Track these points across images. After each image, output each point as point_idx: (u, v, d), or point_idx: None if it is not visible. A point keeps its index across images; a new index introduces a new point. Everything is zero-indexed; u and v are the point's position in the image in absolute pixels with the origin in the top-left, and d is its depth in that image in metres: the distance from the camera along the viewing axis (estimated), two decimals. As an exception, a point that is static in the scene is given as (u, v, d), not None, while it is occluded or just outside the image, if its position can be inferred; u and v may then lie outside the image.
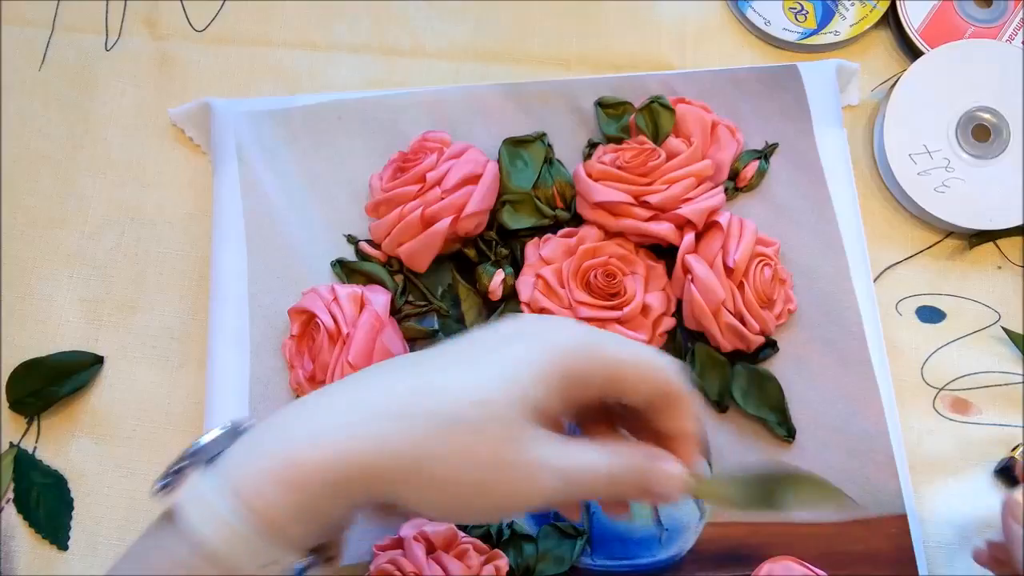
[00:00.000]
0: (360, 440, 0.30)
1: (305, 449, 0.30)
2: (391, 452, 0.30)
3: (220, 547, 0.29)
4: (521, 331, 0.33)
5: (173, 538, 0.30)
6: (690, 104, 0.52)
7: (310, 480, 0.30)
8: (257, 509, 0.29)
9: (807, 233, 0.51)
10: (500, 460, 0.31)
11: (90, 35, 0.58)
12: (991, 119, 0.54)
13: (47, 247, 0.54)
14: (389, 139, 0.53)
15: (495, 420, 0.31)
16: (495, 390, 0.31)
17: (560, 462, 0.31)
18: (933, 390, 0.52)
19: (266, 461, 0.30)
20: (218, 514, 0.29)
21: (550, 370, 0.32)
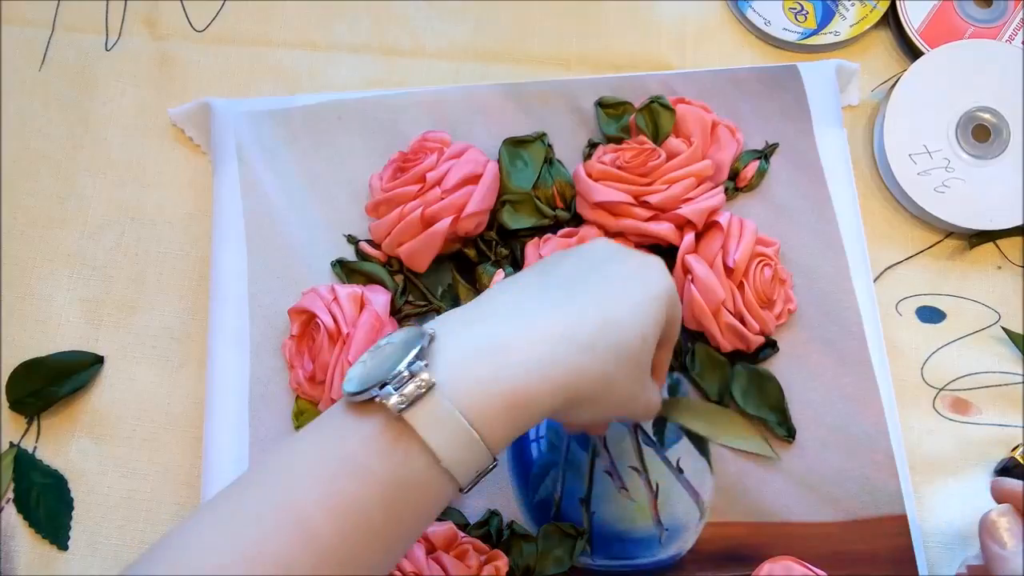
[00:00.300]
0: (569, 371, 0.34)
1: (535, 382, 0.33)
2: (590, 380, 0.34)
3: (451, 461, 0.32)
4: (633, 267, 0.38)
5: (407, 450, 0.32)
6: (690, 104, 0.52)
7: (531, 407, 0.33)
8: (486, 430, 0.32)
9: (807, 233, 0.51)
10: (634, 386, 0.37)
11: (90, 35, 0.58)
12: (991, 119, 0.54)
13: (47, 247, 0.54)
14: (389, 139, 0.53)
15: (643, 353, 0.36)
16: (649, 325, 0.36)
17: (650, 393, 0.39)
18: (933, 390, 0.52)
19: (496, 388, 0.33)
20: (457, 435, 0.32)
21: (665, 306, 0.37)
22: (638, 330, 0.36)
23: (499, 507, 0.47)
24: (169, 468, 0.50)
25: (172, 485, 0.50)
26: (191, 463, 0.50)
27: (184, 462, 0.50)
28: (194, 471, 0.49)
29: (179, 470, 0.50)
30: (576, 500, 0.48)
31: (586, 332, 0.34)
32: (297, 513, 0.31)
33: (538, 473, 0.48)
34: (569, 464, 0.48)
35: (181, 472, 0.50)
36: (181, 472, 0.50)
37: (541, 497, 0.48)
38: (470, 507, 0.47)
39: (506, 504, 0.47)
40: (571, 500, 0.48)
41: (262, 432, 0.48)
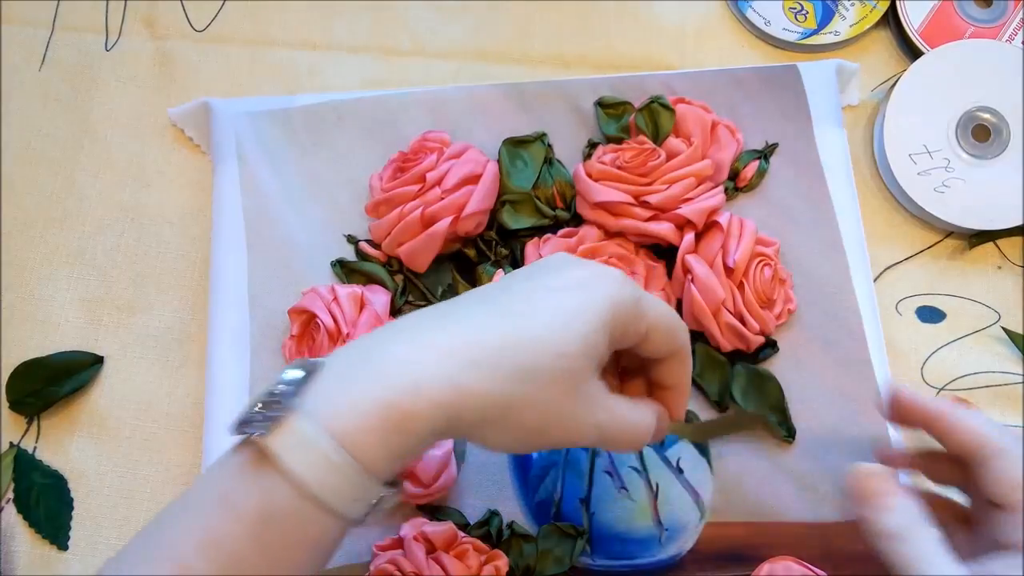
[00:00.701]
0: (458, 390, 0.31)
1: (408, 397, 0.31)
2: (484, 402, 0.32)
3: (322, 489, 0.30)
4: (580, 277, 0.35)
5: (271, 481, 0.30)
6: (690, 104, 0.52)
7: (411, 427, 0.31)
8: (359, 452, 0.30)
9: (807, 233, 0.51)
10: (562, 409, 0.33)
11: (90, 35, 0.58)
12: (991, 119, 0.54)
13: (47, 247, 0.54)
14: (389, 139, 0.53)
15: (567, 372, 0.33)
16: (572, 342, 0.33)
17: (600, 417, 0.35)
18: (933, 390, 0.52)
19: (370, 406, 0.30)
20: (323, 459, 0.30)
21: (609, 322, 0.34)
22: (555, 347, 0.32)
23: (499, 507, 0.47)
24: (169, 468, 0.50)
25: (172, 485, 0.50)
26: (191, 463, 0.50)
27: (184, 462, 0.50)
28: (194, 471, 0.49)
29: (179, 470, 0.50)
30: (576, 500, 0.48)
31: (479, 348, 0.32)
32: (178, 556, 0.30)
33: (538, 473, 0.48)
34: (569, 464, 0.48)
35: (181, 472, 0.50)
36: (181, 472, 0.50)
37: (541, 497, 0.48)
38: (470, 507, 0.47)
39: (506, 504, 0.47)
40: (571, 500, 0.48)
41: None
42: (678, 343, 0.37)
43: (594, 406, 0.34)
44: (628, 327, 0.35)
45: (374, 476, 0.31)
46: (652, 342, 0.36)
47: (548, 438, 0.34)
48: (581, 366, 0.33)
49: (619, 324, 0.34)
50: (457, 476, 0.47)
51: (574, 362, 0.33)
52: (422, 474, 0.45)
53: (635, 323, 0.35)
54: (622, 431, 0.36)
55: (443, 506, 0.47)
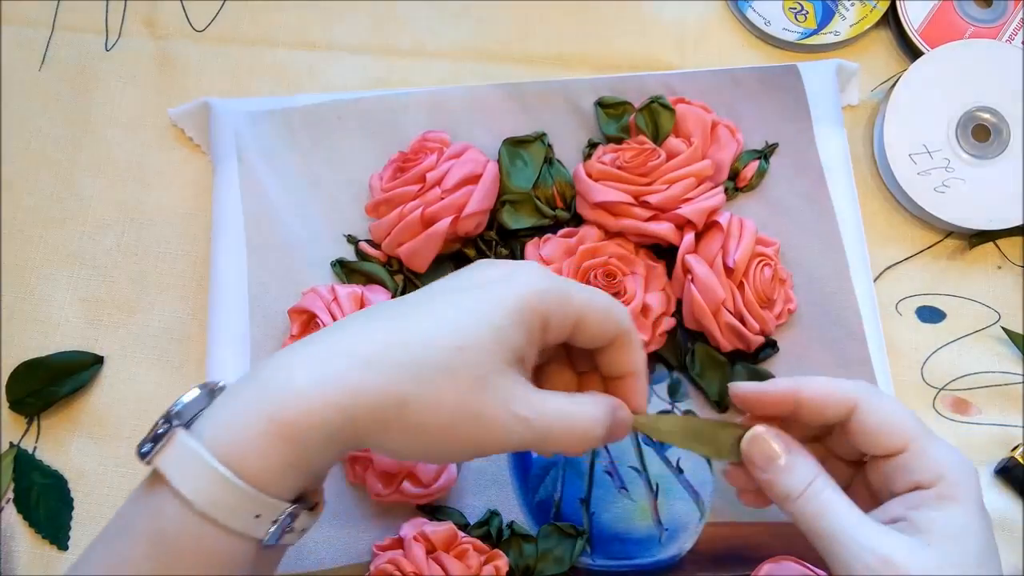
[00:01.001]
0: (345, 390, 0.30)
1: (291, 401, 0.30)
2: (376, 400, 0.30)
3: (210, 505, 0.29)
4: (492, 276, 0.34)
5: (161, 500, 0.30)
6: (690, 104, 0.52)
7: (297, 433, 0.30)
8: (246, 465, 0.29)
9: (807, 233, 0.51)
10: (469, 406, 0.32)
11: (90, 35, 0.58)
12: (991, 119, 0.54)
13: (47, 247, 0.54)
14: (389, 139, 0.53)
15: (468, 366, 0.31)
16: (471, 335, 0.32)
17: (524, 412, 0.33)
18: (933, 390, 0.52)
19: (252, 416, 0.30)
20: (207, 473, 0.29)
21: (525, 313, 0.33)
22: (448, 341, 0.31)
23: (499, 507, 0.47)
24: (169, 468, 0.50)
25: (172, 485, 0.50)
26: (191, 463, 0.50)
27: (184, 462, 0.50)
28: (194, 471, 0.49)
29: (179, 470, 0.50)
30: (576, 500, 0.48)
31: (366, 346, 0.31)
32: None
33: (538, 473, 0.48)
34: (569, 464, 0.48)
35: (181, 472, 0.50)
36: (181, 472, 0.50)
37: (541, 497, 0.48)
38: (470, 507, 0.47)
39: (506, 504, 0.47)
40: (571, 500, 0.48)
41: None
42: (617, 327, 0.36)
43: (512, 402, 0.32)
44: (551, 317, 0.34)
45: (266, 491, 0.30)
46: (587, 330, 0.35)
47: (463, 439, 0.32)
48: (485, 360, 0.32)
49: (538, 315, 0.33)
50: (457, 476, 0.47)
51: (476, 355, 0.32)
52: (422, 474, 0.45)
53: (560, 312, 0.34)
54: (563, 427, 0.34)
55: (443, 506, 0.47)
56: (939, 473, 0.35)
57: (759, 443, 0.37)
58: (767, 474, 0.37)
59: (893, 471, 0.36)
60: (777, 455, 0.37)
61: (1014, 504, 0.50)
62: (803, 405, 0.37)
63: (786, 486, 0.36)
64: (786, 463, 0.36)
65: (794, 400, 0.37)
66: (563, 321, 0.34)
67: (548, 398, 0.34)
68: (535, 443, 0.33)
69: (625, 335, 0.37)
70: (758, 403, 0.38)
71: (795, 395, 0.37)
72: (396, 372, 0.31)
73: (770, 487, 0.37)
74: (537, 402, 0.33)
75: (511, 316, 0.32)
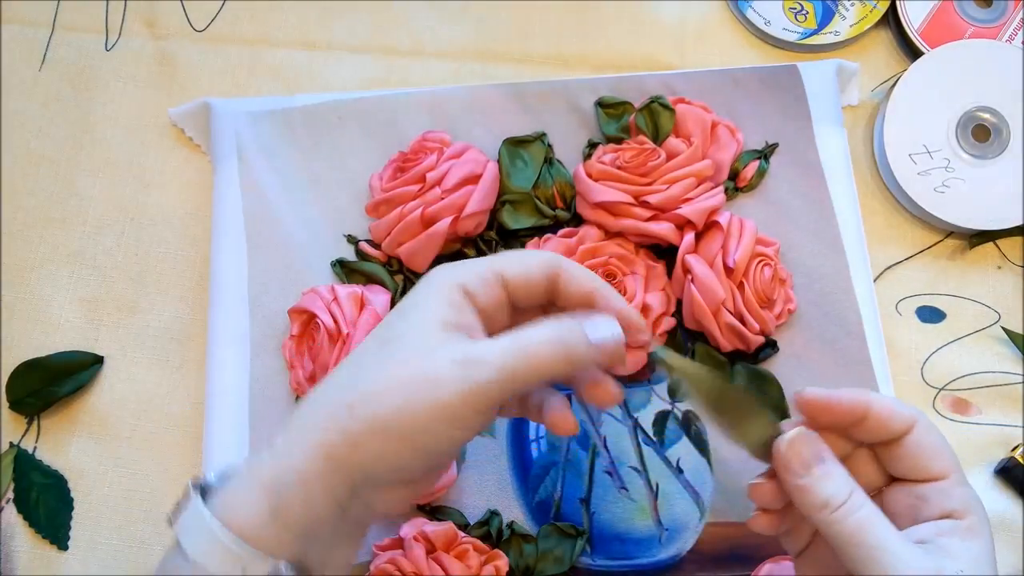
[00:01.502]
0: (307, 432, 0.33)
1: (267, 454, 0.33)
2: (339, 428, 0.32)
3: (215, 567, 0.32)
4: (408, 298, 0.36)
5: (180, 561, 0.32)
6: (690, 104, 0.52)
7: (272, 479, 0.32)
8: (232, 517, 0.32)
9: (807, 233, 0.51)
10: (420, 376, 0.32)
11: (90, 35, 0.58)
12: (991, 119, 0.54)
13: (47, 247, 0.54)
14: (389, 139, 0.53)
15: (407, 348, 0.33)
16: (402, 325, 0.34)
17: (470, 353, 0.33)
18: (933, 390, 0.52)
19: (243, 476, 0.33)
20: (210, 537, 0.32)
21: (449, 289, 0.34)
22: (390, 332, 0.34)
23: (499, 507, 0.47)
24: (169, 468, 0.50)
25: (172, 485, 0.50)
26: (191, 463, 0.50)
27: (184, 462, 0.50)
28: (194, 471, 0.49)
29: (179, 470, 0.50)
30: (576, 500, 0.48)
31: (332, 407, 0.33)
32: None
33: (538, 473, 0.48)
34: (569, 464, 0.48)
35: (181, 472, 0.50)
36: (181, 472, 0.50)
37: (541, 497, 0.48)
38: (470, 507, 0.47)
39: (506, 504, 0.47)
40: (571, 500, 0.48)
41: (262, 432, 0.48)
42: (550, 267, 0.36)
43: (454, 353, 0.33)
44: (468, 284, 0.35)
45: (253, 543, 0.32)
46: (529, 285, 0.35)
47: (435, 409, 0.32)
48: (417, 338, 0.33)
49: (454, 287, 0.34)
50: (457, 476, 0.47)
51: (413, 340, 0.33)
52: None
53: (474, 276, 0.35)
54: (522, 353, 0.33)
55: (443, 506, 0.47)
56: (971, 506, 0.35)
57: (801, 446, 0.35)
58: (804, 479, 0.35)
59: (930, 495, 0.36)
60: (818, 460, 0.35)
61: (1014, 504, 0.50)
62: (871, 417, 0.36)
63: (825, 495, 0.34)
64: (826, 471, 0.35)
65: (864, 411, 0.36)
66: (485, 285, 0.35)
67: (500, 337, 0.34)
68: (504, 380, 0.32)
69: (563, 273, 0.36)
70: (827, 410, 0.36)
71: (866, 406, 0.36)
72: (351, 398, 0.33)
73: (805, 494, 0.35)
74: (484, 344, 0.33)
75: (435, 296, 0.34)
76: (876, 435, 0.36)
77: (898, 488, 0.37)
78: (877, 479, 0.38)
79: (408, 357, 0.33)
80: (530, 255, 0.38)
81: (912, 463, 0.36)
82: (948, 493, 0.35)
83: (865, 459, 0.38)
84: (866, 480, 0.37)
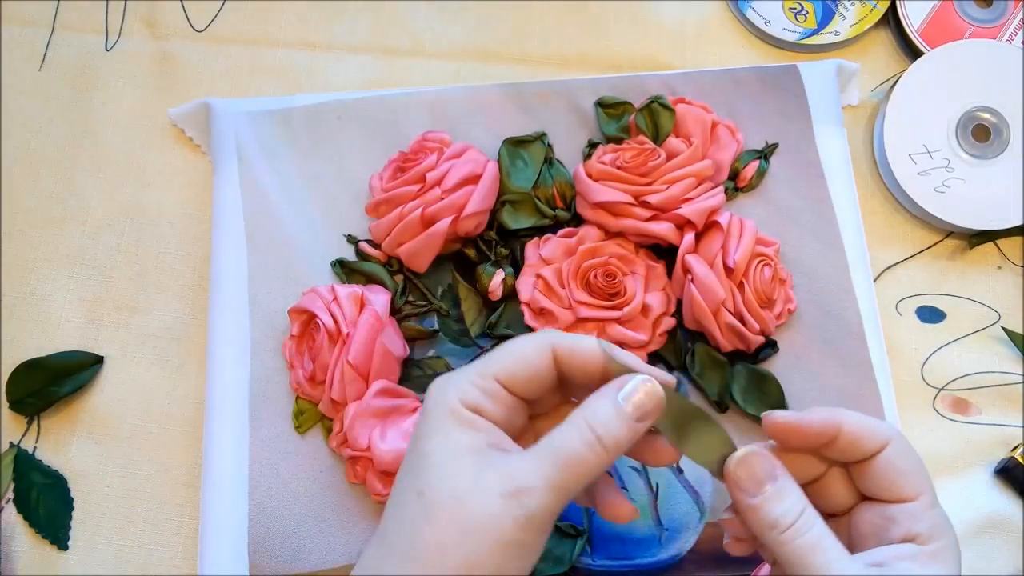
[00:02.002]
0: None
1: None
2: None
3: None
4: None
5: None
6: (690, 104, 0.52)
7: None
8: None
9: (807, 233, 0.51)
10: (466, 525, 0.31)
11: (90, 35, 0.58)
12: (991, 119, 0.54)
13: (47, 247, 0.54)
14: (389, 139, 0.53)
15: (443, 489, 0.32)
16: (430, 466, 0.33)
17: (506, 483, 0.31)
18: (933, 390, 0.52)
19: None
20: None
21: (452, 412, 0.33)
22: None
23: (499, 507, 0.47)
24: (169, 468, 0.50)
25: (172, 485, 0.50)
26: (191, 463, 0.50)
27: (184, 462, 0.50)
28: (194, 471, 0.49)
29: (179, 470, 0.50)
30: (576, 500, 0.48)
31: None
32: None
33: (538, 473, 0.48)
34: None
35: (181, 472, 0.50)
36: (181, 472, 0.50)
37: (541, 497, 0.48)
38: (470, 507, 0.47)
39: (506, 504, 0.47)
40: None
41: (262, 432, 0.48)
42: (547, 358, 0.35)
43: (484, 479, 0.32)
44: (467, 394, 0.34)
45: None
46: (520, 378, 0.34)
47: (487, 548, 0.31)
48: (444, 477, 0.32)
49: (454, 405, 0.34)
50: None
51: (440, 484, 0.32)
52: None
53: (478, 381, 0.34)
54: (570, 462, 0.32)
55: (443, 506, 0.47)
56: (939, 532, 0.34)
57: (750, 464, 0.34)
58: (755, 499, 0.34)
59: (897, 516, 0.34)
60: (768, 479, 0.34)
61: (1014, 504, 0.50)
62: (842, 437, 0.35)
63: (775, 515, 0.33)
64: (777, 490, 0.34)
65: (836, 432, 0.35)
66: (485, 394, 0.34)
67: (535, 449, 0.33)
68: (557, 499, 0.32)
69: (559, 348, 0.35)
70: (796, 434, 0.35)
71: (838, 427, 0.35)
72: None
73: (755, 514, 0.34)
74: (523, 464, 0.32)
75: (436, 423, 0.33)
76: (848, 455, 0.35)
77: (867, 507, 0.36)
78: (849, 498, 0.37)
79: (454, 506, 0.31)
80: (522, 343, 0.35)
81: (882, 482, 0.35)
82: (917, 516, 0.34)
83: (838, 478, 0.36)
84: (838, 500, 0.36)
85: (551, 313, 0.48)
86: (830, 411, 0.35)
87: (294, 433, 0.48)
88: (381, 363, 0.47)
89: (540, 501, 0.31)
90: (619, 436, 0.33)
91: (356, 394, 0.46)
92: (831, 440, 0.35)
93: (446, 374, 0.35)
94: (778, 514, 0.33)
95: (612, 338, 0.48)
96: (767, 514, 0.33)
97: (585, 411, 0.33)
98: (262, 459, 0.47)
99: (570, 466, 0.32)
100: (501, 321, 0.50)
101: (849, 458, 0.36)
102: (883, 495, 0.35)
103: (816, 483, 0.36)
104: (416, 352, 0.50)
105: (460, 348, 0.50)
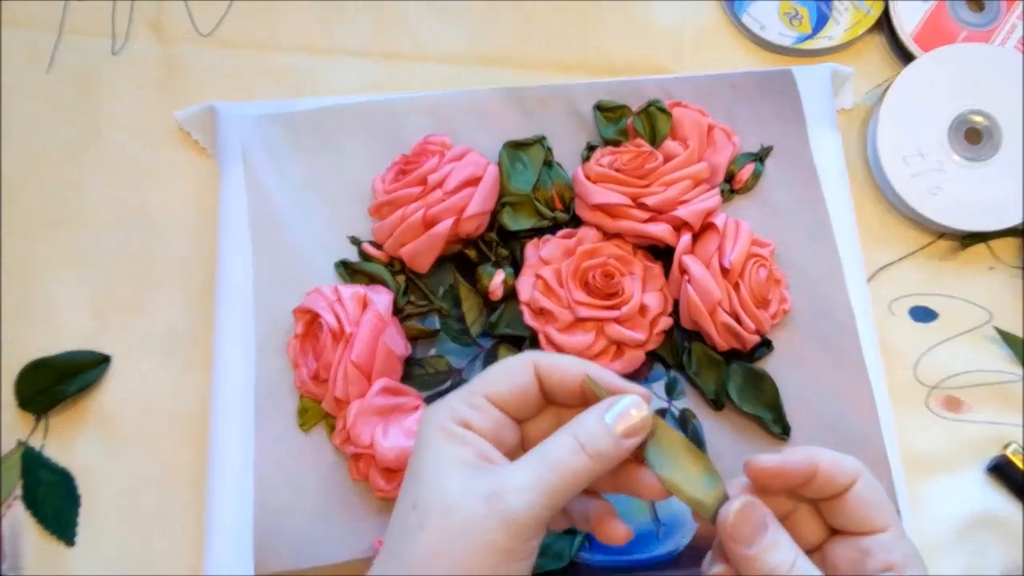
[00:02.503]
0: None
1: None
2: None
3: None
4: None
5: None
6: (687, 108, 0.53)
7: None
8: None
9: (802, 234, 0.52)
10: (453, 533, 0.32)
11: (97, 39, 0.58)
12: (983, 122, 0.55)
13: (54, 248, 0.54)
14: (391, 142, 0.53)
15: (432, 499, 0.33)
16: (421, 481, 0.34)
17: (489, 487, 0.32)
18: (926, 389, 0.52)
19: None
20: None
21: (442, 428, 0.35)
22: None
23: (499, 503, 0.48)
24: (175, 466, 0.50)
25: (178, 483, 0.50)
26: (197, 461, 0.50)
27: (190, 460, 0.50)
28: (200, 469, 0.50)
29: (185, 468, 0.50)
30: (575, 496, 0.48)
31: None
32: None
33: (538, 470, 0.48)
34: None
35: (187, 470, 0.50)
36: (187, 470, 0.50)
37: (541, 494, 0.48)
38: (471, 503, 0.48)
39: (506, 500, 0.48)
40: (570, 496, 0.48)
41: (268, 430, 0.48)
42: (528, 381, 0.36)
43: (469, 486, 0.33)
44: (457, 409, 0.35)
45: None
46: (504, 393, 0.36)
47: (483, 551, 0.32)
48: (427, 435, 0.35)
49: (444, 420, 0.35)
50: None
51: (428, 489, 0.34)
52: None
53: (466, 401, 0.36)
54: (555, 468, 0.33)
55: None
56: (911, 560, 0.35)
57: (748, 516, 0.34)
58: (753, 549, 0.33)
59: (872, 548, 0.35)
60: (763, 529, 0.34)
61: (1005, 501, 0.50)
62: (819, 475, 0.35)
63: (771, 564, 0.33)
64: (772, 539, 0.34)
65: (814, 470, 0.35)
66: (475, 409, 0.35)
67: (523, 459, 0.34)
68: (542, 503, 0.32)
69: (541, 366, 0.36)
70: (779, 476, 0.35)
71: (815, 465, 0.35)
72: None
73: (751, 564, 0.33)
74: (508, 471, 0.33)
75: (427, 440, 0.35)
76: (823, 491, 0.35)
77: (840, 541, 0.36)
78: (819, 534, 0.37)
79: (444, 513, 0.32)
80: (506, 362, 0.37)
81: (855, 516, 0.35)
82: (890, 547, 0.35)
83: (806, 514, 0.37)
84: (809, 536, 0.37)
85: (550, 313, 0.49)
86: (806, 450, 0.35)
87: (298, 431, 0.48)
88: (383, 362, 0.47)
89: (523, 499, 0.32)
90: (603, 447, 0.34)
91: (359, 392, 0.47)
92: (809, 479, 0.35)
93: (437, 400, 0.36)
94: (775, 563, 0.33)
95: (610, 337, 0.48)
96: (763, 564, 0.33)
97: (573, 424, 0.35)
98: (267, 457, 0.48)
99: (553, 469, 0.33)
100: (501, 321, 0.50)
101: (824, 494, 0.36)
102: (856, 528, 0.35)
103: (786, 520, 0.36)
104: (418, 351, 0.50)
105: (461, 347, 0.50)
